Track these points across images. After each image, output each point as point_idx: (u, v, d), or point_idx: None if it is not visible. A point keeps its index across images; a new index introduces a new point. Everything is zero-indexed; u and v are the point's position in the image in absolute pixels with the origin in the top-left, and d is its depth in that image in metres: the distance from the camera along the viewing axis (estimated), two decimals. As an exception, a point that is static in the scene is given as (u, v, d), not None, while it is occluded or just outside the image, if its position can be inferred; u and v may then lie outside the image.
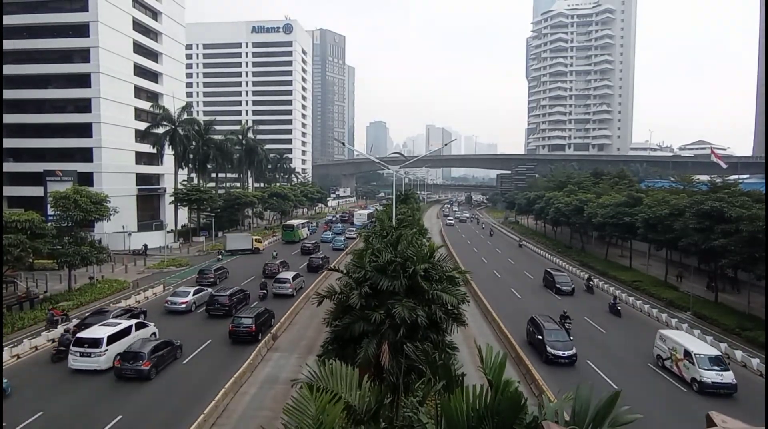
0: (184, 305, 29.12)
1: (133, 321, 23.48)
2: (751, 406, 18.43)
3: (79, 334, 21.45)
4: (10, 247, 25.96)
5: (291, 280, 33.94)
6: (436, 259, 13.61)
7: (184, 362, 22.02)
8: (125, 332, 21.91)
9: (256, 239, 54.14)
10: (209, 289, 31.63)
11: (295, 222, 65.59)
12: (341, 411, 5.00)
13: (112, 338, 20.94)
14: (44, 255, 31.92)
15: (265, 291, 33.39)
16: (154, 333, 24.00)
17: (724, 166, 53.53)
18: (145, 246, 49.14)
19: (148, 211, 62.36)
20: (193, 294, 30.12)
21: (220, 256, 48.48)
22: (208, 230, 60.42)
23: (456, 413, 4.11)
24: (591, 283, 38.33)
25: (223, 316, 27.86)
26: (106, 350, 20.43)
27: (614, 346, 25.58)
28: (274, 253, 48.93)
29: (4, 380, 18.15)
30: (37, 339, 23.63)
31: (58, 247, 31.42)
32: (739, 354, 23.50)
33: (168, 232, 56.76)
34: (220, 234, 62.44)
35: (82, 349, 20.34)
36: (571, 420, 3.97)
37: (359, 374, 5.71)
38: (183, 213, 63.61)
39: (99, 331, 21.29)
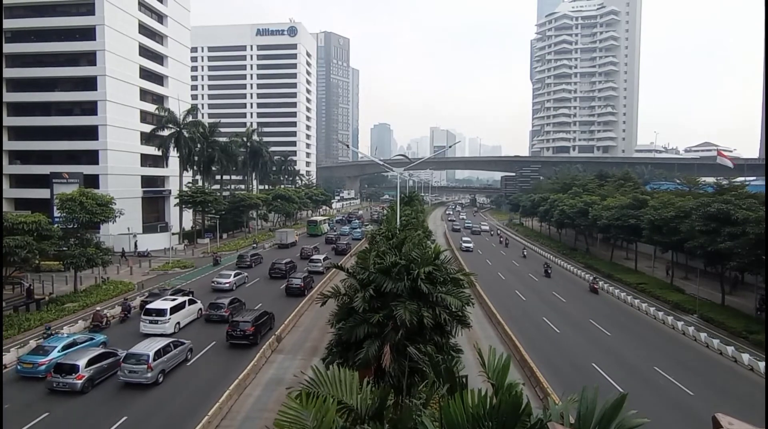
0: (227, 285, 35.56)
1: (187, 298, 28.31)
2: (756, 409, 18.23)
3: (148, 306, 26.34)
4: (17, 248, 26.12)
5: (322, 261, 42.70)
6: (440, 261, 13.57)
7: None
8: (182, 306, 26.89)
9: (296, 234, 64.63)
10: (245, 273, 39.25)
11: (318, 218, 77.60)
12: (341, 414, 4.97)
13: (174, 309, 25.90)
14: (50, 256, 32.14)
15: (335, 244, 55.74)
16: (201, 309, 28.83)
17: (731, 165, 52.85)
18: (123, 250, 48.01)
19: (153, 213, 62.65)
20: (234, 276, 36.81)
21: (254, 245, 57.43)
22: (212, 232, 60.64)
23: (456, 416, 4.08)
24: None
25: (280, 277, 38.98)
26: (170, 319, 25.34)
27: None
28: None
29: (102, 336, 23.60)
30: (114, 310, 29.36)
31: (64, 248, 31.60)
32: (746, 357, 23.25)
33: (173, 234, 56.99)
34: (224, 236, 62.71)
35: (151, 318, 25.29)
36: (576, 423, 3.93)
37: (361, 376, 5.68)
38: (188, 215, 63.88)
39: (164, 304, 26.14)
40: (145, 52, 60.16)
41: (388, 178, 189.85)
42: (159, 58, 63.44)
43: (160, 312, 25.40)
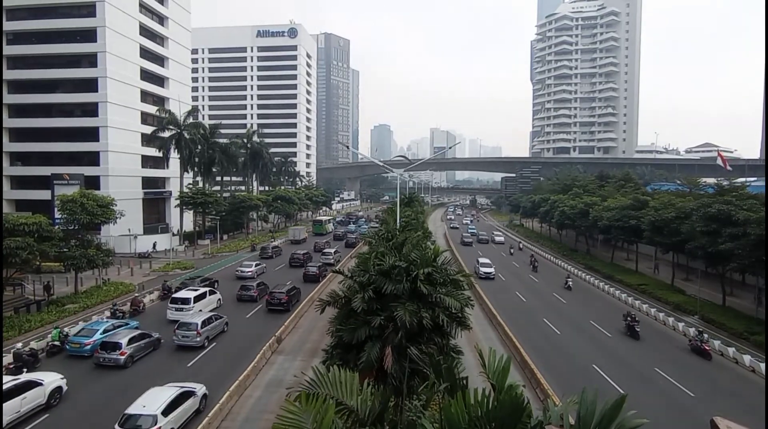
0: (250, 273, 40.22)
1: (207, 289, 31.22)
2: (757, 410, 18.20)
3: (173, 296, 29.37)
4: (18, 250, 26.12)
5: (333, 253, 48.51)
6: (440, 262, 13.55)
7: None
8: (204, 295, 29.68)
9: (306, 231, 70.32)
10: (264, 264, 44.38)
11: (323, 218, 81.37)
12: (341, 415, 4.96)
13: (197, 298, 28.67)
14: (51, 258, 32.10)
15: (345, 239, 63.86)
16: (220, 299, 31.69)
17: (728, 167, 52.77)
18: (110, 249, 47.20)
19: (154, 214, 62.68)
20: (255, 266, 41.62)
21: (273, 239, 63.12)
22: (213, 233, 60.66)
23: (458, 416, 4.09)
24: None
25: (299, 266, 44.58)
26: (193, 307, 27.84)
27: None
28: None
29: (135, 322, 25.98)
30: (152, 295, 33.46)
31: (65, 250, 31.60)
32: (747, 358, 23.21)
33: (173, 235, 57.01)
34: (225, 237, 62.76)
35: (176, 306, 28.09)
36: (576, 424, 3.93)
37: (362, 378, 5.69)
38: (188, 216, 63.91)
39: (188, 293, 28.98)
40: (145, 53, 60.26)
41: (388, 179, 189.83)
42: (160, 60, 63.54)
43: (185, 300, 28.20)
